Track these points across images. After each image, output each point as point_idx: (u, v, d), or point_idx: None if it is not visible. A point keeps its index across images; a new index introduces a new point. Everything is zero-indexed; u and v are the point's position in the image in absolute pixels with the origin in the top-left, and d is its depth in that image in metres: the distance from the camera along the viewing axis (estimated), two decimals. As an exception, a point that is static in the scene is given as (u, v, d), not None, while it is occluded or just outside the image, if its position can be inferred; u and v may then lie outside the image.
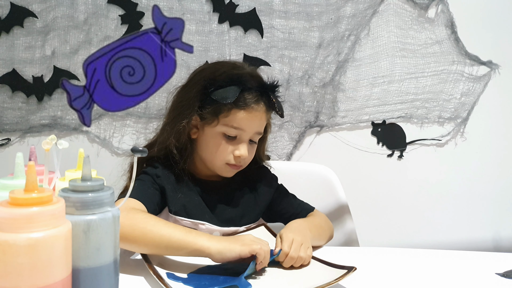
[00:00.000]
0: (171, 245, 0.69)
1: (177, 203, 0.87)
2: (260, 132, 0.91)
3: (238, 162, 0.89)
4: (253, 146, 0.92)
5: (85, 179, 0.50)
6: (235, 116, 0.86)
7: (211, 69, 0.92)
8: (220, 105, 0.86)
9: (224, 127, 0.87)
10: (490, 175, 1.55)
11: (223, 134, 0.87)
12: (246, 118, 0.86)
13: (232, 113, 0.86)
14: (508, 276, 0.72)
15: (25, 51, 1.29)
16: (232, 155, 0.88)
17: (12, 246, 0.41)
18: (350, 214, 1.14)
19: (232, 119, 0.86)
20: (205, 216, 0.88)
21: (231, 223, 0.90)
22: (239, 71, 0.89)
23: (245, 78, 0.87)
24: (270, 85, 0.90)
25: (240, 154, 0.87)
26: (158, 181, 0.87)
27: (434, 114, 1.50)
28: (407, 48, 1.45)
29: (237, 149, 0.88)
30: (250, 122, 0.87)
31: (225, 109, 0.86)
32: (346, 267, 0.67)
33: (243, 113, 0.86)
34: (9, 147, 1.32)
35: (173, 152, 0.88)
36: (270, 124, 0.98)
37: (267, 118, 0.92)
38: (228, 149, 0.88)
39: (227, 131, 0.87)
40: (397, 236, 1.52)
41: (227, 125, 0.86)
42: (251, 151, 0.91)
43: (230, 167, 0.89)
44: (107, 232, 0.50)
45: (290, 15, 1.38)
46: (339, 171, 1.19)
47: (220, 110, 0.86)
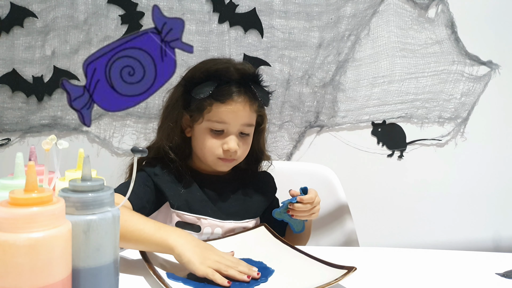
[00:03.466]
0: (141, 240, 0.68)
1: (179, 199, 0.89)
2: (249, 123, 0.91)
3: (228, 156, 0.90)
4: (245, 138, 0.93)
5: (85, 179, 0.50)
6: (217, 111, 0.88)
7: (194, 68, 0.94)
8: (201, 102, 0.88)
9: (209, 123, 0.89)
10: (490, 175, 1.55)
11: (210, 130, 0.89)
12: (228, 111, 0.87)
13: (214, 107, 0.87)
14: (508, 276, 0.72)
15: (25, 51, 1.29)
16: (221, 149, 0.89)
17: (12, 246, 0.41)
18: (350, 214, 1.14)
19: (214, 113, 0.88)
20: (207, 211, 0.90)
21: (234, 217, 0.92)
22: (218, 66, 0.90)
23: (222, 72, 0.88)
24: (249, 75, 0.90)
25: (229, 147, 0.88)
26: (155, 179, 0.89)
27: (434, 114, 1.50)
28: (407, 48, 1.45)
29: (225, 143, 0.89)
30: (233, 114, 0.88)
31: (207, 104, 0.88)
32: (346, 267, 0.66)
33: (225, 107, 0.87)
34: (9, 147, 1.32)
35: (167, 152, 0.90)
36: (265, 115, 0.98)
37: (255, 109, 0.92)
38: (217, 144, 0.89)
39: (212, 126, 0.89)
40: (397, 236, 1.52)
41: (211, 120, 0.88)
42: (244, 144, 0.92)
43: (222, 161, 0.91)
44: (107, 232, 0.50)
45: (290, 15, 1.38)
46: (339, 171, 1.19)
47: (203, 107, 0.88)
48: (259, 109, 0.93)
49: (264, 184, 1.01)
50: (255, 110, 0.92)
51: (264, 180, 1.02)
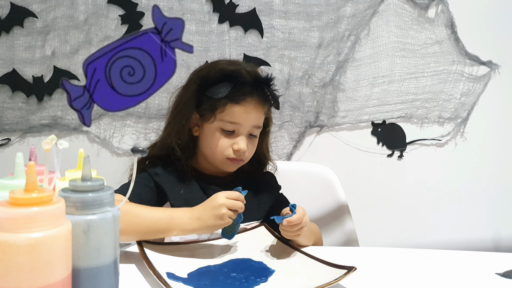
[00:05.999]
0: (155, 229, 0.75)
1: (179, 198, 0.89)
2: (259, 125, 0.93)
3: (237, 156, 0.91)
4: (253, 140, 0.94)
5: (85, 179, 0.50)
6: (231, 111, 0.89)
7: (208, 67, 0.95)
8: (215, 101, 0.89)
9: (221, 122, 0.90)
10: (490, 175, 1.55)
11: (221, 129, 0.91)
12: (241, 112, 0.89)
13: (227, 108, 0.89)
14: (508, 276, 0.72)
15: (25, 51, 1.29)
16: (231, 149, 0.91)
17: (12, 246, 0.41)
18: (350, 214, 1.14)
19: (227, 114, 0.89)
20: None
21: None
22: (232, 67, 0.91)
23: (237, 73, 0.89)
24: (263, 79, 0.92)
25: (239, 147, 0.90)
26: (156, 179, 0.90)
27: (434, 114, 1.50)
28: (407, 48, 1.45)
29: (235, 143, 0.90)
30: (246, 115, 0.89)
31: (220, 104, 0.89)
32: (346, 267, 0.67)
33: (238, 107, 0.89)
34: (9, 147, 1.32)
35: (175, 149, 0.91)
36: (271, 119, 1.00)
37: (264, 112, 0.94)
38: (227, 144, 0.90)
39: (224, 126, 0.90)
40: (397, 236, 1.52)
41: (224, 120, 0.90)
42: (251, 145, 0.93)
43: (230, 161, 0.92)
44: (107, 232, 0.50)
45: (290, 15, 1.38)
46: (339, 171, 1.19)
47: (216, 106, 0.89)
48: (267, 112, 0.95)
49: (266, 185, 1.01)
50: (264, 113, 0.94)
51: (266, 180, 1.03)
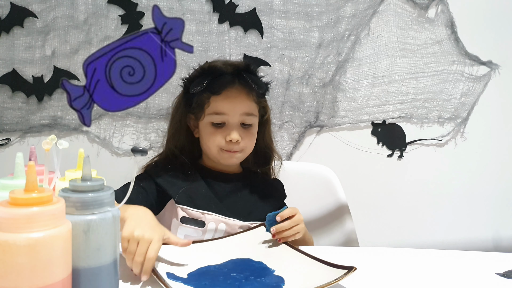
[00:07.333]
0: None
1: (183, 194, 0.91)
2: (248, 112, 0.94)
3: (231, 147, 0.92)
4: (248, 129, 0.95)
5: (85, 179, 0.50)
6: (215, 103, 0.92)
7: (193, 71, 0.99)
8: (200, 98, 0.92)
9: (209, 117, 0.93)
10: (490, 175, 1.55)
11: (211, 124, 0.93)
12: (225, 102, 0.91)
13: (212, 101, 0.92)
14: (508, 276, 0.72)
15: (25, 51, 1.29)
16: (224, 141, 0.92)
17: (12, 246, 0.41)
18: (350, 214, 1.14)
19: (213, 106, 0.92)
20: (211, 207, 0.92)
21: (238, 216, 0.93)
22: (211, 63, 0.95)
23: (213, 66, 0.93)
24: (242, 66, 0.94)
25: (231, 138, 0.91)
26: (157, 180, 0.92)
27: (434, 114, 1.50)
28: (407, 48, 1.45)
29: (227, 135, 0.92)
30: (230, 105, 0.91)
31: (205, 99, 0.92)
32: (346, 267, 0.67)
33: (221, 98, 0.91)
34: (9, 147, 1.32)
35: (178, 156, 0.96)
36: (267, 106, 1.01)
37: (253, 99, 0.94)
38: (220, 136, 0.93)
39: (213, 119, 0.92)
40: (397, 236, 1.52)
41: (211, 113, 0.92)
42: (247, 135, 0.94)
43: (226, 152, 0.93)
44: (107, 232, 0.50)
45: (290, 15, 1.38)
46: (339, 171, 1.19)
47: (202, 102, 0.92)
48: (258, 99, 0.96)
49: (273, 189, 1.03)
50: (253, 100, 0.94)
51: (273, 185, 1.04)
